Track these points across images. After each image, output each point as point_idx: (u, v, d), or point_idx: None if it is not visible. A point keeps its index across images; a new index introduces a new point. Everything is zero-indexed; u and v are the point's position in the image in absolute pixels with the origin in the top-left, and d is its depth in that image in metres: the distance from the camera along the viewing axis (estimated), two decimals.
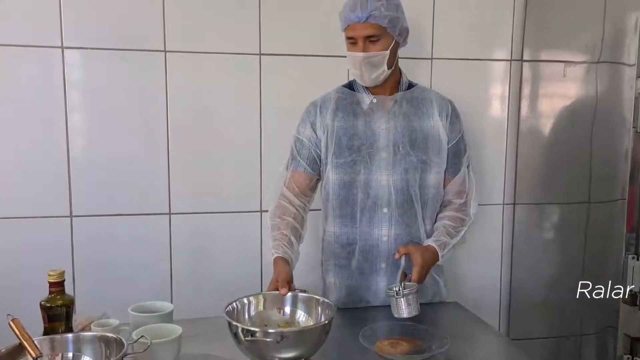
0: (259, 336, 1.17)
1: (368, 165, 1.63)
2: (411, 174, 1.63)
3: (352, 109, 1.67)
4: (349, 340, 1.42)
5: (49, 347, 1.12)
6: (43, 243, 1.94)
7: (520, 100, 2.23)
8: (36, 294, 1.29)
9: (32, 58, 1.90)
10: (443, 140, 1.67)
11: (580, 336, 2.12)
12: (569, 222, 2.16)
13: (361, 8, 1.54)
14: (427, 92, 1.72)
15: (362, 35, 1.56)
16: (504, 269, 2.32)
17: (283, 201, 1.69)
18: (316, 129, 1.68)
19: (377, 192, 1.63)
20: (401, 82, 1.69)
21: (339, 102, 1.69)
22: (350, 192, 1.65)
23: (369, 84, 1.63)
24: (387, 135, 1.64)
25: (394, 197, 1.63)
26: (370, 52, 1.56)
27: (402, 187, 1.63)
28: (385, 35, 1.57)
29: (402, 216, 1.64)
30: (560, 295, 2.14)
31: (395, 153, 1.63)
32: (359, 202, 1.65)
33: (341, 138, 1.64)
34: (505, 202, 2.29)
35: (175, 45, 1.98)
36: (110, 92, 1.97)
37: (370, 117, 1.66)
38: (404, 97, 1.67)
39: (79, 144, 1.96)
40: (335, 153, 1.64)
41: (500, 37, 2.22)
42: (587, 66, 2.06)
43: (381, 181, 1.63)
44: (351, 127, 1.65)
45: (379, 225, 1.65)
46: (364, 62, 1.57)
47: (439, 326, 1.49)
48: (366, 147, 1.63)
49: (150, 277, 2.05)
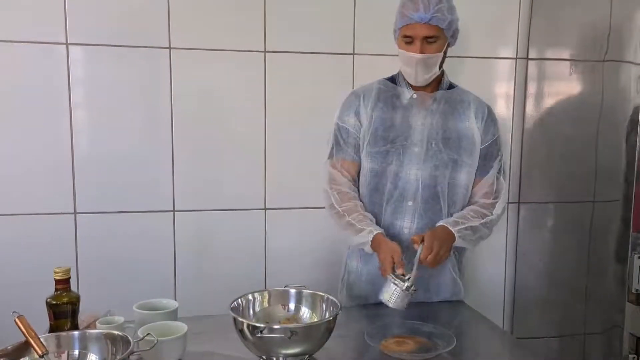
0: (268, 332, 1.17)
1: (400, 157, 1.65)
2: (441, 170, 1.64)
3: (391, 102, 1.69)
4: (354, 338, 1.42)
5: (55, 344, 1.11)
6: (47, 240, 1.95)
7: (525, 98, 2.23)
8: (40, 290, 1.29)
9: (37, 54, 1.90)
10: (477, 143, 1.68)
11: (584, 335, 2.11)
12: (574, 221, 2.16)
13: (425, 9, 1.54)
14: (467, 95, 1.73)
15: (421, 36, 1.56)
16: (508, 267, 2.32)
17: (343, 188, 1.69)
18: (360, 117, 1.69)
19: (405, 184, 1.65)
20: (442, 82, 1.70)
21: (380, 94, 1.70)
22: (380, 181, 1.67)
23: (420, 83, 1.65)
24: (423, 130, 1.65)
25: (421, 191, 1.65)
26: (428, 54, 1.58)
27: (430, 182, 1.64)
28: (442, 37, 1.58)
29: (427, 211, 1.65)
30: (565, 294, 2.14)
31: (428, 149, 1.64)
32: (387, 192, 1.67)
33: (378, 128, 1.66)
34: (510, 201, 2.27)
35: (180, 42, 1.97)
36: (114, 89, 1.97)
37: (409, 111, 1.67)
38: (443, 97, 1.68)
39: (83, 141, 1.96)
40: (370, 142, 1.66)
41: (506, 35, 2.21)
42: (593, 64, 2.06)
43: (410, 174, 1.65)
44: (389, 119, 1.67)
45: (402, 216, 1.66)
46: (420, 62, 1.58)
47: (445, 324, 1.48)
48: (401, 139, 1.65)
49: (154, 274, 2.05)
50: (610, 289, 2.04)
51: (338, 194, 1.68)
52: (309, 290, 1.42)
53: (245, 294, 1.39)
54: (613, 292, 2.03)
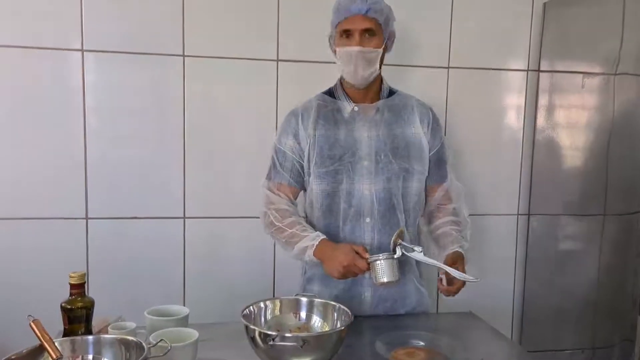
0: (280, 340, 1.17)
1: (350, 174, 1.59)
2: (394, 182, 1.60)
3: (333, 117, 1.63)
4: (364, 348, 1.42)
5: (70, 348, 1.12)
6: (59, 244, 1.96)
7: (536, 110, 2.23)
8: (52, 294, 1.31)
9: (53, 61, 1.92)
10: (425, 148, 1.64)
11: (594, 349, 2.10)
12: (584, 233, 2.15)
13: (362, 1, 1.53)
14: (408, 99, 1.69)
15: (360, 29, 1.53)
16: (517, 279, 2.31)
17: (282, 206, 1.63)
18: (299, 139, 1.63)
19: (359, 202, 1.60)
20: (382, 89, 1.66)
21: (320, 110, 1.64)
22: (333, 201, 1.61)
23: (360, 82, 1.59)
24: (369, 143, 1.60)
25: (377, 207, 1.59)
26: (368, 48, 1.54)
27: (385, 196, 1.59)
28: (379, 33, 1.56)
29: (385, 225, 1.60)
30: (575, 307, 2.12)
31: (378, 162, 1.59)
32: (342, 212, 1.61)
33: (322, 147, 1.60)
34: (519, 212, 2.28)
35: (193, 50, 1.99)
36: (128, 96, 1.98)
37: (352, 125, 1.62)
38: (385, 105, 1.65)
39: (96, 147, 1.98)
40: (317, 163, 1.60)
41: (517, 47, 2.22)
42: (605, 78, 2.06)
43: (363, 190, 1.59)
44: (332, 136, 1.61)
45: (361, 234, 1.61)
46: (359, 56, 1.54)
47: (455, 336, 1.48)
48: (348, 156, 1.60)
49: (164, 280, 2.06)
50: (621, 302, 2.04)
51: (277, 212, 1.62)
52: (320, 299, 1.43)
53: (256, 301, 1.39)
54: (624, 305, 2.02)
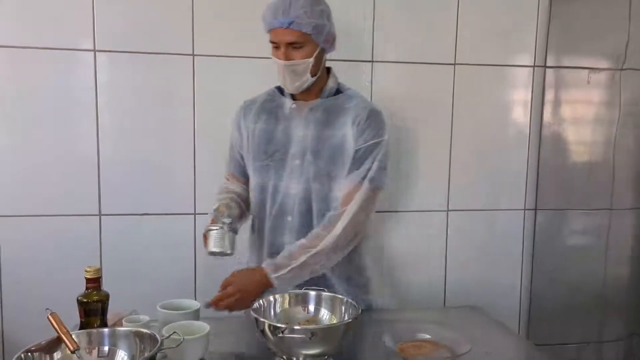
0: (289, 333, 1.20)
1: (279, 171, 1.59)
2: (313, 184, 1.57)
3: (275, 113, 1.63)
4: (372, 341, 1.45)
5: (86, 340, 1.15)
6: (74, 240, 2.01)
7: (542, 106, 2.23)
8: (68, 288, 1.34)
9: (66, 61, 1.96)
10: (349, 153, 1.57)
11: (601, 343, 2.11)
12: (591, 228, 2.17)
13: (283, 13, 1.47)
14: (350, 100, 1.61)
15: (284, 42, 1.50)
16: (524, 274, 2.32)
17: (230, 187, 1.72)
18: (241, 130, 1.67)
19: (283, 199, 1.60)
20: (324, 89, 1.61)
21: (264, 105, 1.65)
22: (264, 196, 1.63)
23: (292, 91, 1.59)
24: (299, 143, 1.58)
25: (297, 206, 1.59)
26: (293, 61, 1.50)
27: (305, 196, 1.58)
28: (309, 42, 1.50)
29: (304, 226, 1.59)
30: (582, 301, 2.14)
31: (303, 162, 1.57)
32: (268, 208, 1.62)
33: (260, 141, 1.61)
34: (526, 207, 2.29)
35: (203, 49, 2.02)
36: (139, 94, 2.02)
37: (289, 122, 1.61)
38: (321, 105, 1.60)
39: (108, 145, 2.02)
40: (255, 156, 1.62)
41: (523, 43, 2.22)
42: (611, 73, 2.07)
43: (290, 188, 1.59)
44: (271, 131, 1.61)
45: (282, 232, 1.61)
46: (286, 69, 1.52)
47: (462, 330, 1.50)
48: (280, 153, 1.59)
49: (175, 274, 2.09)
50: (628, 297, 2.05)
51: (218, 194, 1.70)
52: (328, 292, 1.45)
53: (266, 295, 1.42)
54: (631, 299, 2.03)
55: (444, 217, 2.26)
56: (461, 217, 2.26)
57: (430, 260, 2.26)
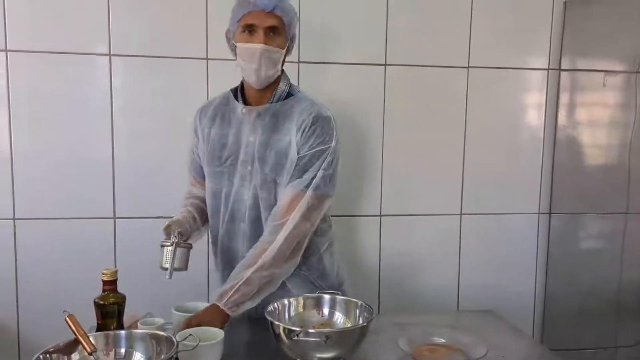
0: (304, 336, 1.20)
1: (231, 178, 1.56)
2: (262, 191, 1.53)
3: (228, 117, 1.59)
4: (387, 344, 1.44)
5: (104, 342, 1.16)
6: (89, 243, 2.02)
7: (557, 109, 2.22)
8: (84, 291, 1.36)
9: (82, 65, 1.98)
10: (293, 159, 1.50)
11: (616, 348, 2.09)
12: (606, 232, 2.15)
13: None
14: (299, 104, 1.54)
15: (265, 25, 1.45)
16: (538, 278, 2.31)
17: (194, 192, 1.71)
18: (197, 135, 1.64)
19: (235, 206, 1.57)
20: (274, 93, 1.55)
21: (218, 109, 1.61)
22: (217, 202, 1.60)
23: (261, 82, 1.50)
24: (248, 149, 1.54)
25: (248, 213, 1.55)
26: (272, 46, 1.46)
27: (254, 203, 1.54)
28: (283, 33, 1.49)
29: (255, 233, 1.55)
30: (597, 306, 2.12)
31: (252, 168, 1.53)
32: (221, 214, 1.59)
33: (215, 146, 1.58)
34: (541, 211, 2.28)
35: (217, 53, 2.03)
36: (154, 98, 2.04)
37: (240, 127, 1.56)
38: (269, 110, 1.53)
39: (123, 148, 2.04)
40: (209, 161, 1.59)
41: (538, 46, 2.22)
42: (626, 76, 2.05)
43: (242, 194, 1.55)
44: (224, 136, 1.57)
45: (236, 239, 1.59)
46: (264, 55, 1.45)
47: (476, 333, 1.49)
48: (231, 159, 1.56)
49: (189, 277, 2.09)
50: None
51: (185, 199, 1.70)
52: (343, 296, 1.45)
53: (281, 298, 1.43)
54: None
55: (457, 221, 2.25)
56: (475, 221, 2.25)
57: (443, 263, 2.25)
